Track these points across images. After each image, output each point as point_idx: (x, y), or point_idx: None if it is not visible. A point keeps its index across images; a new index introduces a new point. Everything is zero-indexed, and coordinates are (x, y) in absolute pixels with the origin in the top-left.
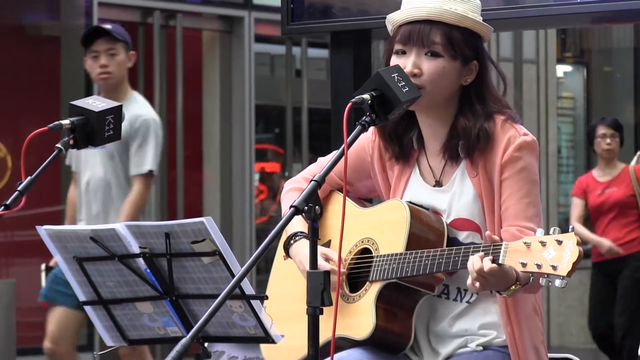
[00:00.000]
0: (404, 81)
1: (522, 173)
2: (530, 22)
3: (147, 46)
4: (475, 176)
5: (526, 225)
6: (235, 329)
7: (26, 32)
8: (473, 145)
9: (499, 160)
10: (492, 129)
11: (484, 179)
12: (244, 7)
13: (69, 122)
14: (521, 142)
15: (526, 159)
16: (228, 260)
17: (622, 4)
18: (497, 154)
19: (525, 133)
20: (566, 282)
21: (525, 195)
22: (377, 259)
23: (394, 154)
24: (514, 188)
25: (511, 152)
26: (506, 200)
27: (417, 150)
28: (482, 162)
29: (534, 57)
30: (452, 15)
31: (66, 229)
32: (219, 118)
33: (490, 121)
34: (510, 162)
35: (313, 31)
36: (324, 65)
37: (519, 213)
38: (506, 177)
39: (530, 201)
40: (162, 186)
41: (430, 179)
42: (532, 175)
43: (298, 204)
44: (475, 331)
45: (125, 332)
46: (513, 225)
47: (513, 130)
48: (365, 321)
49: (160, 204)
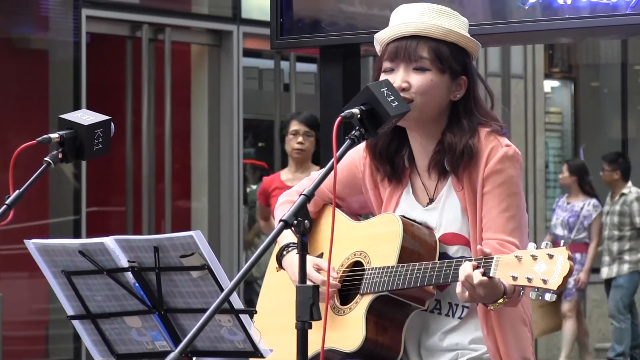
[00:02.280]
0: (394, 96)
1: (503, 186)
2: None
3: (136, 60)
4: (461, 190)
5: (507, 239)
6: (224, 344)
7: (15, 45)
8: (457, 160)
9: (481, 173)
10: (476, 144)
11: (469, 193)
12: (232, 21)
13: (57, 136)
14: (503, 154)
15: (508, 172)
16: (217, 274)
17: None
18: (480, 167)
19: (508, 144)
20: (556, 295)
21: (506, 209)
22: (368, 272)
23: (385, 174)
24: (494, 202)
25: (493, 165)
26: (487, 214)
27: (409, 168)
28: (466, 176)
29: (522, 72)
30: (438, 29)
31: (54, 242)
32: (207, 132)
33: (475, 136)
34: (492, 175)
35: (302, 45)
36: (312, 79)
37: (499, 227)
38: (488, 191)
39: (510, 215)
40: (151, 200)
41: (424, 197)
42: (513, 188)
43: (287, 218)
44: (466, 345)
45: (114, 347)
46: (493, 238)
47: (495, 142)
48: (355, 333)
49: (149, 217)
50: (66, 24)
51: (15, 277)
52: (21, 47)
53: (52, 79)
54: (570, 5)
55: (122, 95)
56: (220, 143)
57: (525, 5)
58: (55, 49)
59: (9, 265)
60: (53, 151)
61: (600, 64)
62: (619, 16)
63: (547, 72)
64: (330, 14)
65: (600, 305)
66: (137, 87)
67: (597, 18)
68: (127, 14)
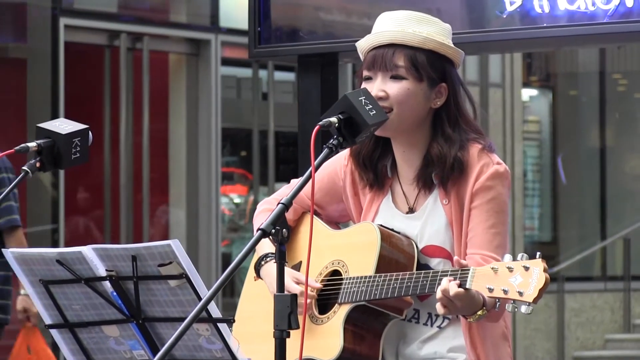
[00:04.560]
0: (372, 104)
1: (491, 203)
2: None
3: (114, 69)
4: (447, 203)
5: (491, 255)
6: (202, 353)
7: None
8: (447, 174)
9: (471, 188)
10: (466, 158)
11: (456, 206)
12: (210, 30)
13: (35, 145)
14: (494, 171)
15: (497, 189)
16: (195, 283)
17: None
18: (469, 182)
19: (499, 162)
20: (532, 308)
21: (493, 226)
22: (346, 281)
23: (368, 181)
24: (482, 217)
25: (483, 181)
26: (473, 229)
27: (391, 177)
28: (454, 190)
29: (500, 81)
30: (414, 37)
31: (32, 251)
32: (185, 141)
33: (465, 150)
34: (481, 191)
35: (280, 54)
36: (290, 88)
37: (484, 243)
38: (476, 206)
39: (496, 232)
40: (129, 208)
41: (404, 205)
42: (501, 206)
43: (265, 227)
44: (444, 354)
45: (92, 356)
46: (477, 253)
47: (487, 159)
48: (333, 343)
49: (127, 227)
50: (44, 33)
51: None
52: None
53: (30, 88)
54: (548, 14)
55: (100, 104)
56: (199, 152)
57: (503, 14)
58: (33, 57)
59: None
60: (31, 160)
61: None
62: (597, 25)
63: (525, 81)
64: (308, 23)
65: (579, 315)
66: (115, 96)
67: (575, 27)
68: (105, 23)
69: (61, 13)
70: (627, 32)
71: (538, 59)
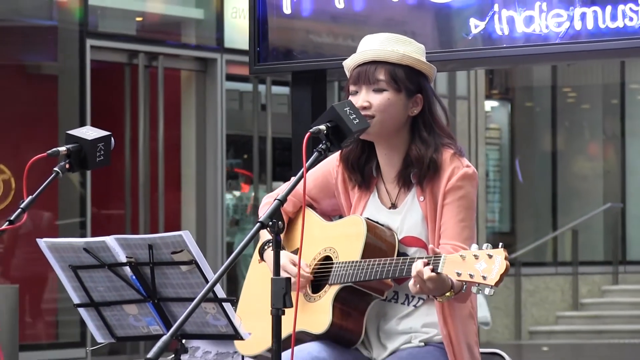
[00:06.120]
0: (355, 114)
1: (461, 200)
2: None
3: (133, 84)
4: (423, 200)
5: (460, 245)
6: (209, 328)
7: (27, 71)
8: (424, 174)
9: (443, 187)
10: (440, 160)
11: (430, 203)
12: (216, 50)
13: (65, 149)
14: (463, 173)
15: (467, 189)
16: (203, 268)
17: (541, 48)
18: (442, 182)
19: (468, 165)
20: (494, 290)
21: (462, 220)
22: (336, 265)
23: (356, 182)
24: (453, 212)
25: (454, 182)
26: (446, 222)
27: (376, 177)
28: (429, 188)
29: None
30: (393, 54)
31: (62, 241)
32: (195, 145)
33: (439, 152)
34: (453, 190)
35: (276, 71)
36: (285, 100)
37: (455, 234)
38: (448, 202)
39: (465, 225)
40: (146, 204)
41: (387, 201)
42: (470, 203)
43: (263, 220)
44: (418, 329)
45: (114, 331)
46: (448, 244)
47: (458, 162)
48: (323, 318)
49: (144, 219)
50: (73, 52)
51: (31, 271)
52: (33, 73)
53: (61, 100)
54: (507, 36)
55: (121, 114)
56: (207, 155)
57: (469, 36)
58: (63, 74)
59: (27, 261)
60: (61, 162)
61: (533, 86)
62: (550, 45)
63: (488, 94)
64: (300, 44)
65: (533, 295)
66: (134, 107)
67: (531, 47)
68: (125, 44)
69: (87, 35)
70: (575, 51)
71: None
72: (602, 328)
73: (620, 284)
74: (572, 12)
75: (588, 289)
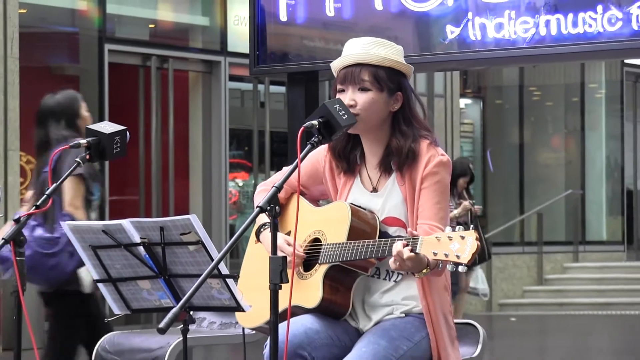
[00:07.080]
0: (344, 110)
1: (436, 185)
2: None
3: (146, 84)
4: (403, 185)
5: (436, 225)
6: (214, 301)
7: (52, 72)
8: (403, 161)
9: (421, 173)
10: (418, 149)
11: (409, 187)
12: (220, 53)
13: (85, 142)
14: (439, 161)
15: (441, 174)
16: (208, 248)
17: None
18: (420, 169)
19: (443, 154)
20: (467, 268)
21: (438, 202)
22: (325, 246)
23: (342, 169)
24: (429, 196)
25: (430, 168)
26: (423, 204)
27: (360, 164)
28: (408, 174)
29: (442, 92)
30: (375, 57)
31: (83, 224)
32: (201, 139)
33: (417, 143)
34: (429, 176)
35: (274, 72)
36: (282, 98)
37: (431, 215)
38: (425, 187)
39: (440, 207)
40: (158, 191)
41: (369, 186)
42: (444, 187)
43: (262, 205)
44: (399, 301)
45: (129, 303)
46: (426, 223)
47: (434, 151)
48: (315, 294)
49: (157, 205)
50: (92, 55)
51: None
52: (57, 73)
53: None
54: (480, 40)
55: (135, 111)
56: (212, 148)
57: (445, 41)
58: (83, 75)
59: None
60: (82, 154)
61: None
62: (517, 49)
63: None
64: (295, 48)
65: (502, 271)
66: (147, 104)
67: (501, 50)
68: (139, 48)
69: (105, 40)
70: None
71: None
72: (564, 301)
73: (580, 262)
74: (538, 19)
75: (551, 266)
